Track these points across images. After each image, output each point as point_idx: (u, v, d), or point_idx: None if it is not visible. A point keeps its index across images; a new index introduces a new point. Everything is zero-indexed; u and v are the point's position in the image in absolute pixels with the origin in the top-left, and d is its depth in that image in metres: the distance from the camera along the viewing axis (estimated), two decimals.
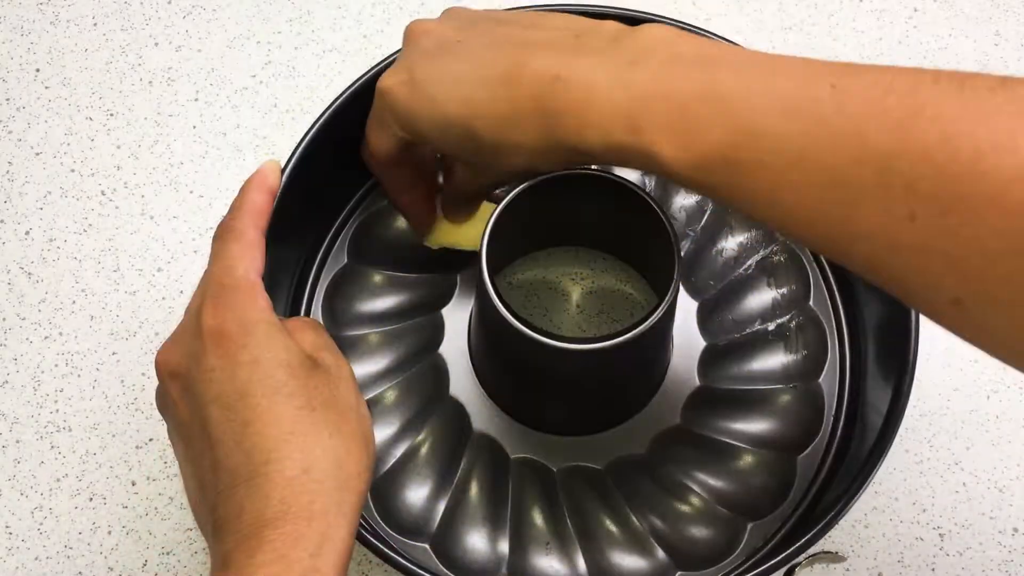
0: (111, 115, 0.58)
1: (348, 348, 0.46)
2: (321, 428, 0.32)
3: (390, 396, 0.45)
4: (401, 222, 0.49)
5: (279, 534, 0.29)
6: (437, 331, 0.47)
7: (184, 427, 0.33)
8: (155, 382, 0.51)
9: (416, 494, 0.44)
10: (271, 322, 0.33)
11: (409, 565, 0.37)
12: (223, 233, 0.36)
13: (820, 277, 0.48)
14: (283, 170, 0.40)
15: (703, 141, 0.29)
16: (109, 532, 0.48)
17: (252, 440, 0.31)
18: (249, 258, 0.35)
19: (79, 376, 0.51)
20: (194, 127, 0.57)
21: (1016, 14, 0.61)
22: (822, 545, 0.36)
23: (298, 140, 0.42)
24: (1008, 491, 0.49)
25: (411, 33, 0.37)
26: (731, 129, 0.29)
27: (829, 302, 0.47)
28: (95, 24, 0.60)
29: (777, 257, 0.48)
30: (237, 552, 0.29)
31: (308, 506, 0.30)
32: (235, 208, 0.37)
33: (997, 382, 0.51)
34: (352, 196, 0.49)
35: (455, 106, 0.34)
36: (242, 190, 0.37)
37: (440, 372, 0.46)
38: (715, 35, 0.44)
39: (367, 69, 0.43)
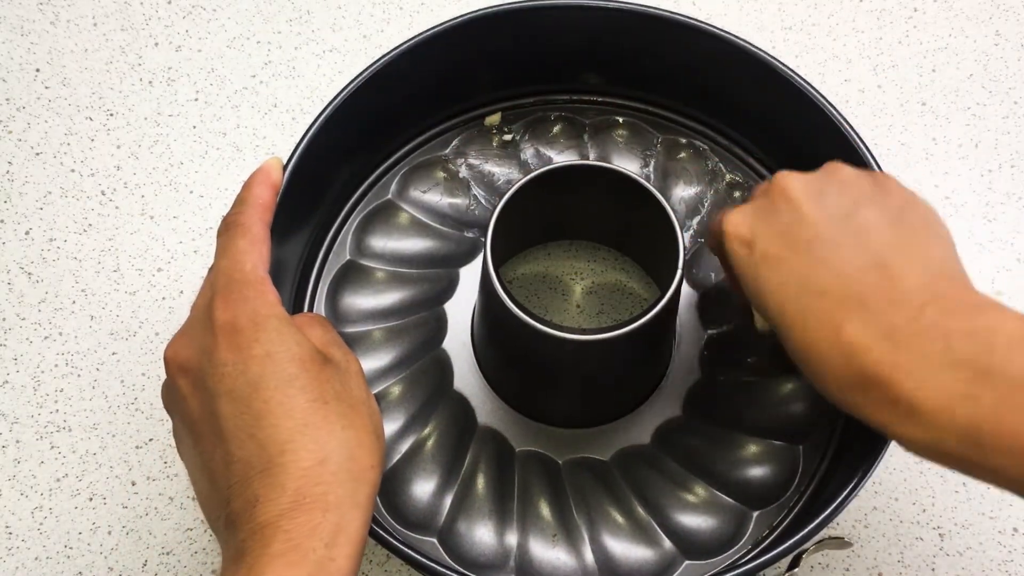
0: (111, 115, 0.58)
1: (352, 344, 0.46)
2: (334, 421, 0.32)
3: (395, 391, 0.46)
4: (402, 218, 0.49)
5: (294, 524, 0.29)
6: (440, 326, 0.47)
7: (194, 422, 0.33)
8: (155, 382, 0.51)
9: (423, 488, 0.44)
10: (282, 317, 0.33)
11: (420, 558, 0.37)
12: (229, 228, 0.36)
13: None
14: (285, 167, 0.40)
15: None
16: (109, 532, 0.48)
17: (266, 432, 0.31)
18: (257, 253, 0.35)
19: (79, 376, 0.51)
20: (194, 127, 0.58)
21: (1016, 14, 0.61)
22: (827, 533, 0.36)
23: (299, 140, 0.42)
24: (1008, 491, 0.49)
25: (780, 188, 0.35)
26: None
27: None
28: (95, 24, 0.60)
29: None
30: (252, 542, 0.29)
31: (323, 497, 0.30)
32: (240, 203, 0.37)
33: None
34: (354, 192, 0.49)
35: (772, 304, 0.34)
36: (246, 185, 0.37)
37: (444, 367, 0.46)
38: (722, 32, 0.44)
39: (366, 66, 0.43)
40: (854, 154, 0.42)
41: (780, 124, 0.47)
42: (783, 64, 0.44)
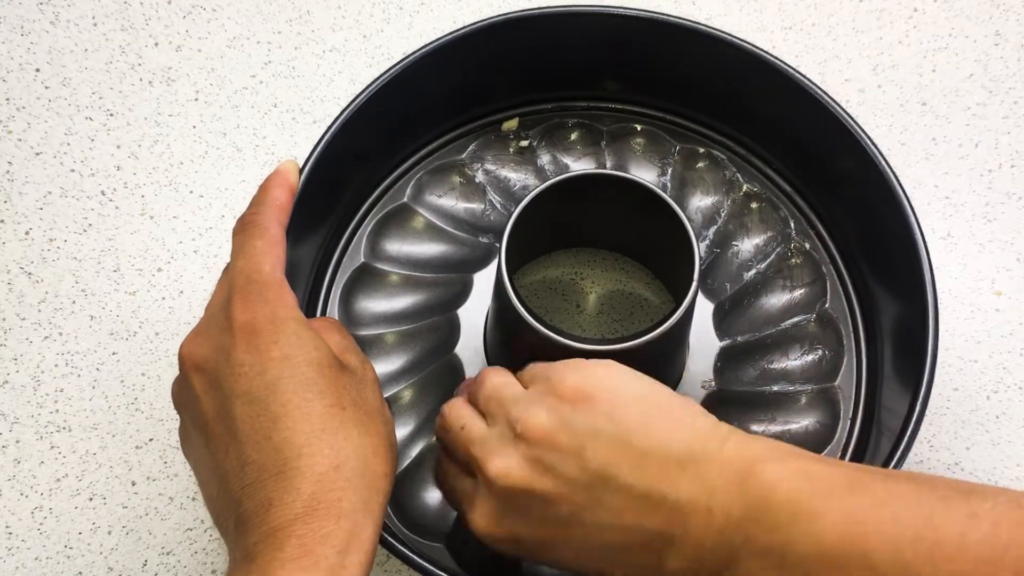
0: (111, 115, 0.58)
1: (365, 348, 0.46)
2: (350, 427, 0.32)
3: (406, 396, 0.46)
4: (417, 222, 0.49)
5: (308, 529, 0.29)
6: (453, 331, 0.47)
7: (207, 421, 0.33)
8: (155, 382, 0.51)
9: (432, 494, 0.43)
10: (300, 320, 0.33)
11: (427, 565, 0.37)
12: (246, 227, 0.35)
13: (837, 280, 0.48)
14: (302, 169, 0.40)
15: None
16: (109, 532, 0.48)
17: (282, 435, 0.31)
18: (275, 255, 0.35)
19: (79, 376, 0.51)
20: (194, 127, 0.57)
21: (1016, 14, 0.61)
22: None
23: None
24: None
25: (496, 479, 0.33)
26: None
27: (846, 304, 0.47)
28: (95, 24, 0.60)
29: (793, 259, 0.48)
30: (263, 545, 0.29)
31: (337, 503, 0.30)
32: (257, 203, 0.37)
33: (997, 382, 0.51)
34: (368, 196, 0.49)
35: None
36: (263, 187, 0.37)
37: (456, 372, 0.46)
38: (741, 41, 0.44)
39: (385, 69, 0.44)
40: (872, 167, 0.42)
41: (798, 135, 0.47)
42: (802, 74, 0.44)
